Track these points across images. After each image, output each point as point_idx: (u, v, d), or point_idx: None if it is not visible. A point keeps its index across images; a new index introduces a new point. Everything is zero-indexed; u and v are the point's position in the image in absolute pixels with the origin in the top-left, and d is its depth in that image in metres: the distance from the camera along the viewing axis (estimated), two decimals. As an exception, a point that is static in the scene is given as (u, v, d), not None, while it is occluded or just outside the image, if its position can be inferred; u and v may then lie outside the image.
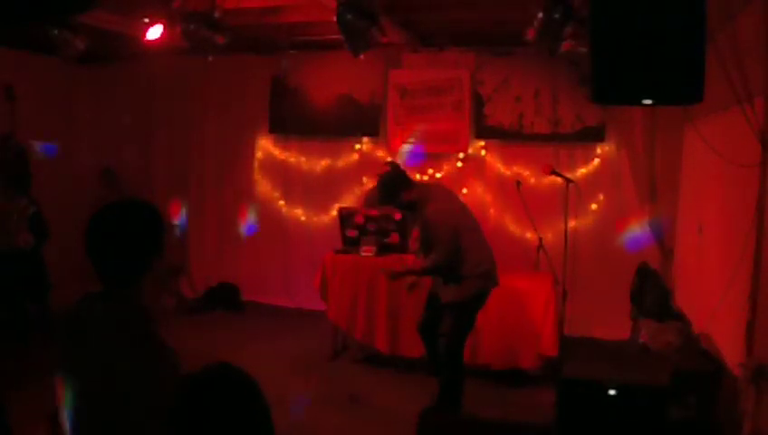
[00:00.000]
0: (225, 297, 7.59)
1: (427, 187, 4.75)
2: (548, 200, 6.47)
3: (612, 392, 3.03)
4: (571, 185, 5.67)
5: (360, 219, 5.86)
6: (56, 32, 5.40)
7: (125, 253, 1.86)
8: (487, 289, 4.55)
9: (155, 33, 5.33)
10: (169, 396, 1.48)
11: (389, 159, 7.07)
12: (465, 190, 7.09)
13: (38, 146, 7.29)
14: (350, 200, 7.35)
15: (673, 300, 5.80)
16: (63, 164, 7.47)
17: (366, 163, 7.39)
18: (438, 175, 7.15)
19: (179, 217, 7.72)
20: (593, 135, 6.61)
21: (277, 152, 7.76)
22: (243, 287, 7.71)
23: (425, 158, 6.97)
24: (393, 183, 4.42)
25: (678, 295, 5.81)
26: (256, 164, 7.83)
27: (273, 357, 5.69)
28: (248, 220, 7.61)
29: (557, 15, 4.30)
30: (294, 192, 7.71)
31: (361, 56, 4.92)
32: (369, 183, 7.29)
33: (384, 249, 5.78)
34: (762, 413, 3.50)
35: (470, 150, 7.02)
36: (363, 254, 5.76)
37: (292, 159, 7.69)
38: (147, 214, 1.94)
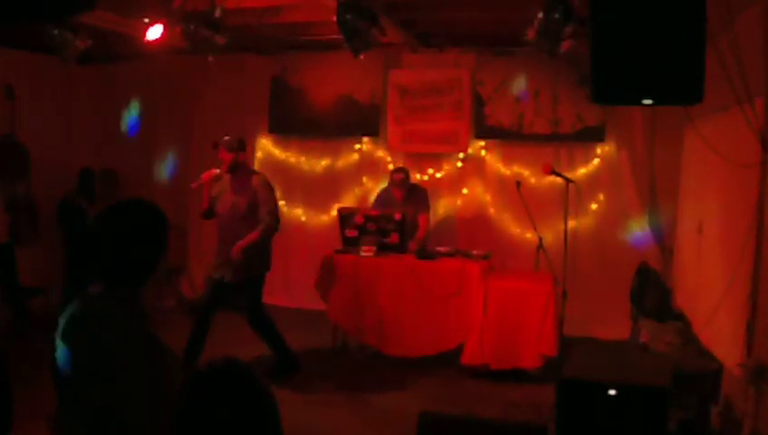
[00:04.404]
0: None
1: (252, 170, 5.54)
2: (548, 200, 6.47)
3: (612, 392, 3.02)
4: (571, 185, 5.67)
5: (359, 219, 5.87)
6: (56, 32, 5.40)
7: (134, 253, 1.86)
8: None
9: (155, 33, 5.33)
10: (169, 396, 1.48)
11: (389, 158, 7.14)
12: (465, 190, 7.10)
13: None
14: (350, 200, 7.35)
15: (673, 300, 5.80)
16: (63, 164, 7.47)
17: (366, 163, 7.40)
18: (438, 175, 7.16)
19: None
20: (593, 135, 6.60)
21: (277, 152, 7.75)
22: (243, 287, 7.70)
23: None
24: (239, 141, 5.31)
25: (678, 295, 5.81)
26: (256, 164, 7.82)
27: (273, 357, 5.69)
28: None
29: (557, 15, 4.30)
30: (294, 192, 7.70)
31: (361, 56, 4.92)
32: (368, 183, 7.30)
33: (384, 249, 5.78)
34: (762, 413, 3.50)
35: (470, 150, 7.02)
36: (363, 254, 5.76)
37: (292, 159, 7.69)
38: (151, 214, 1.94)
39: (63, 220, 7.10)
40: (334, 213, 6.66)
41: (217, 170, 5.21)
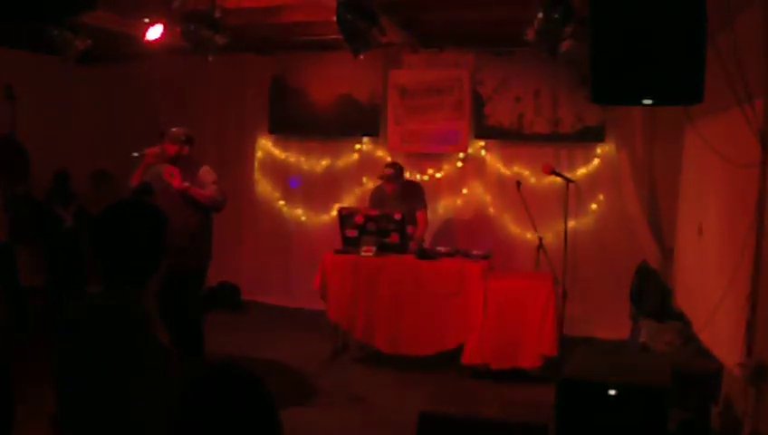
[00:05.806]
0: (225, 297, 7.59)
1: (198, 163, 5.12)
2: (548, 200, 6.48)
3: (612, 392, 3.02)
4: (571, 185, 5.68)
5: (359, 219, 5.86)
6: (56, 32, 5.39)
7: (134, 253, 1.86)
8: None
9: (155, 33, 5.33)
10: (170, 397, 1.48)
11: (389, 158, 7.13)
12: (465, 190, 7.10)
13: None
14: (350, 200, 7.35)
15: (673, 300, 5.80)
16: (63, 164, 7.46)
17: (366, 163, 7.40)
18: (438, 175, 7.16)
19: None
20: (593, 135, 6.61)
21: (277, 152, 7.76)
22: (243, 287, 7.70)
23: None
24: (186, 135, 5.06)
25: (678, 295, 5.80)
26: (256, 164, 7.83)
27: (273, 357, 5.69)
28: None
29: (557, 15, 4.29)
30: (294, 192, 7.71)
31: (361, 56, 4.92)
32: (369, 183, 7.30)
33: (384, 249, 5.78)
34: (762, 413, 3.50)
35: (470, 150, 7.02)
36: (363, 254, 5.76)
37: (292, 159, 7.70)
38: (151, 214, 1.94)
39: (41, 226, 7.01)
40: (334, 213, 6.65)
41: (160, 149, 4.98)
